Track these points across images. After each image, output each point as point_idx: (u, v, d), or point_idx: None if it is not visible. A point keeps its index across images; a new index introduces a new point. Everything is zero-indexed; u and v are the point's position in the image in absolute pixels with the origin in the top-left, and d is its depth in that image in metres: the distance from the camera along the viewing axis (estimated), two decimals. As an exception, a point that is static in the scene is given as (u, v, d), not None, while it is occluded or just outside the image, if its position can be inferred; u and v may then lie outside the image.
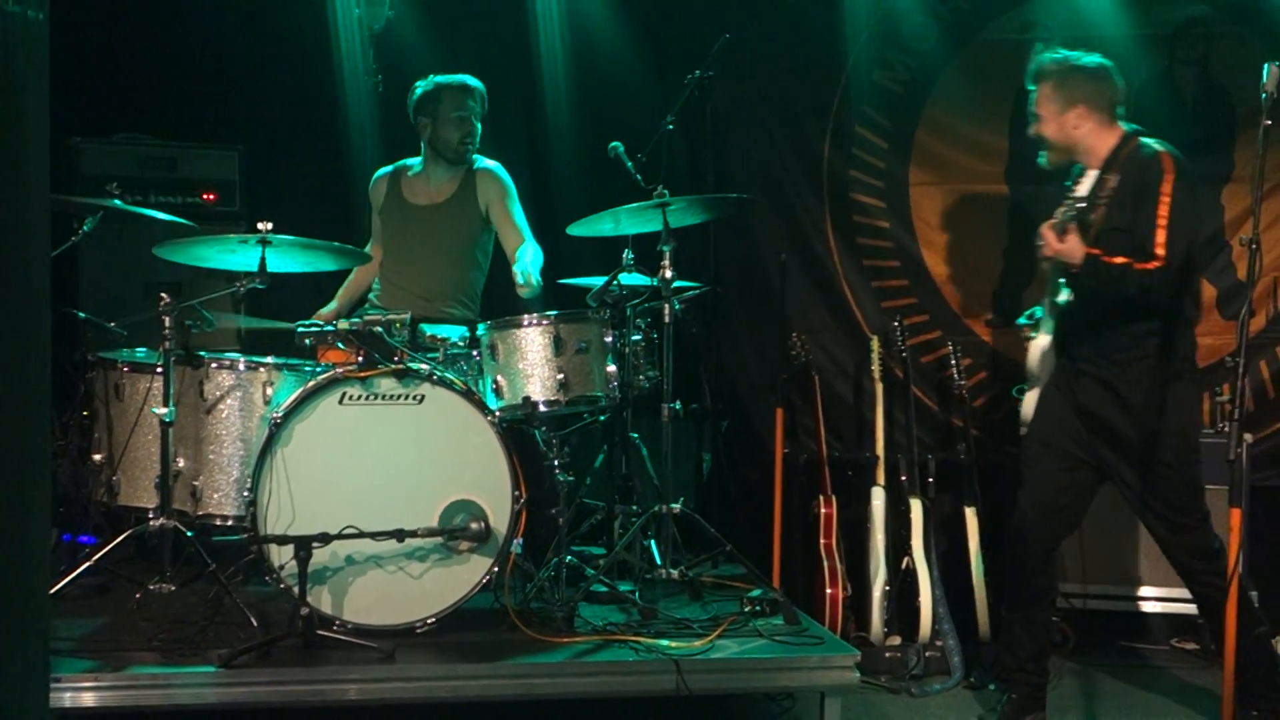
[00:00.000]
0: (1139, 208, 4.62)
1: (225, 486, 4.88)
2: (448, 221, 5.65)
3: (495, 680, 4.32)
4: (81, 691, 4.07)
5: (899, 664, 5.54)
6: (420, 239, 5.68)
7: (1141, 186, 4.64)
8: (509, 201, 5.70)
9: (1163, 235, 4.54)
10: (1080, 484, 4.91)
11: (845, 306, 6.50)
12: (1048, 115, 4.90)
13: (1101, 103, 4.85)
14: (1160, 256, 4.53)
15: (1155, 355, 4.70)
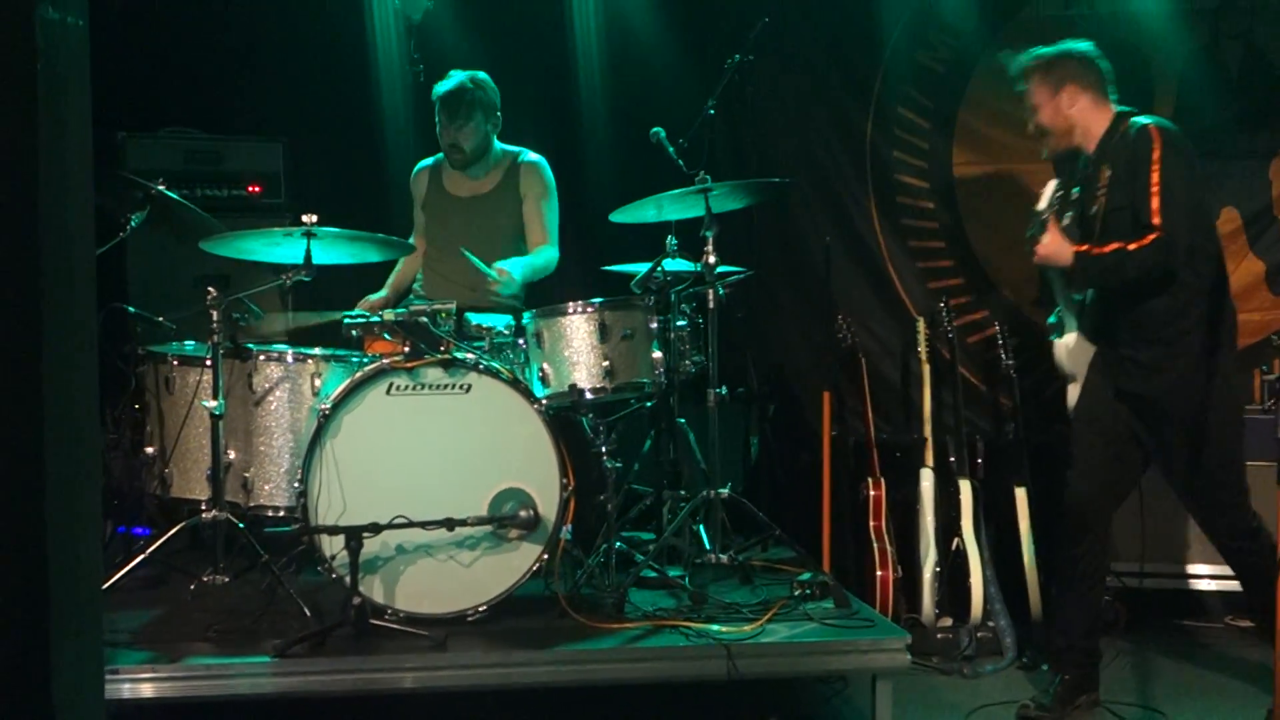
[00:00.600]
0: (1134, 180, 4.63)
1: (276, 478, 4.91)
2: (491, 212, 5.67)
3: (547, 667, 4.32)
4: (140, 683, 4.11)
5: (951, 645, 5.52)
6: (463, 229, 5.70)
7: (1134, 161, 4.65)
8: (543, 201, 5.73)
9: (1156, 203, 4.54)
10: (1126, 461, 4.89)
11: (891, 288, 6.48)
12: (1042, 101, 4.92)
13: (1091, 80, 4.87)
14: (1156, 225, 4.53)
15: (1190, 331, 4.67)
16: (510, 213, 5.71)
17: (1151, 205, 4.55)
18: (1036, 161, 6.32)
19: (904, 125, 6.48)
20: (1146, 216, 4.56)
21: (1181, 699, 5.06)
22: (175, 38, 6.51)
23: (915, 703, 4.94)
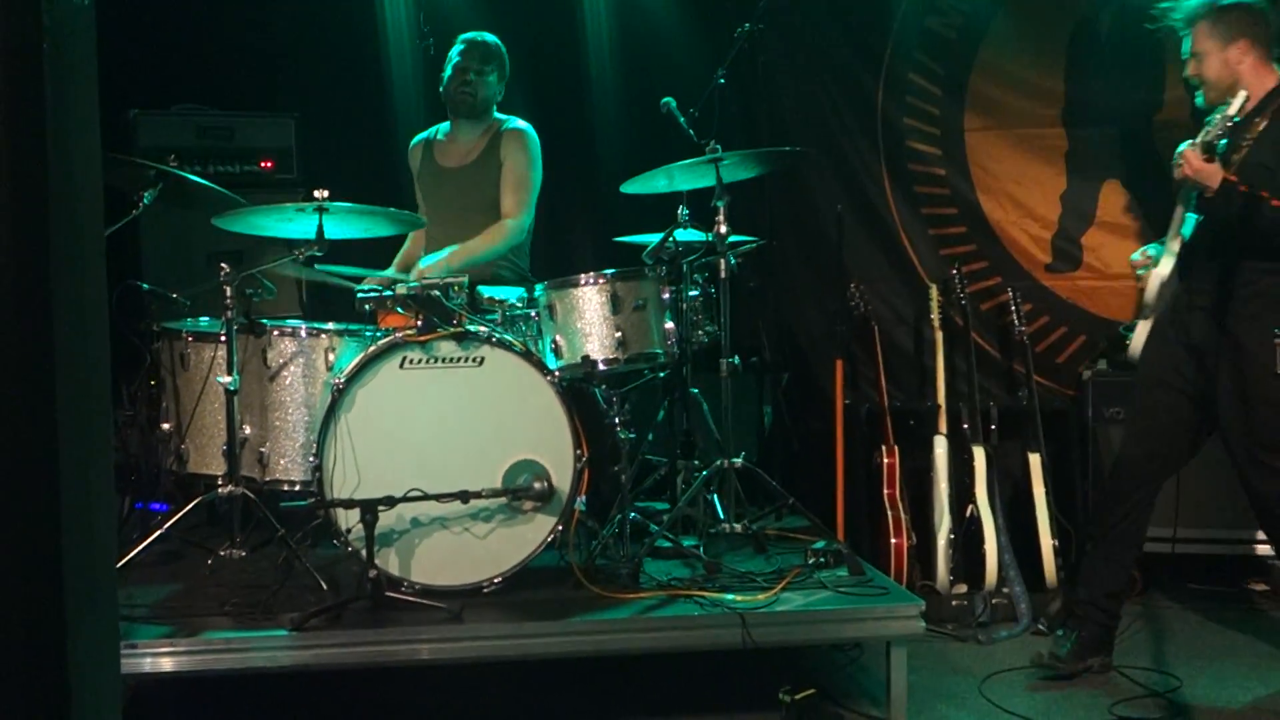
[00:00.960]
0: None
1: (291, 452, 4.93)
2: (479, 180, 5.64)
3: (562, 637, 4.34)
4: (159, 657, 4.13)
5: (965, 612, 5.54)
6: (455, 200, 5.69)
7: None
8: (520, 169, 5.67)
9: None
10: (1188, 423, 4.83)
11: (903, 255, 6.47)
12: (1209, 50, 4.75)
13: (1262, 37, 4.72)
14: None
15: (1270, 294, 4.62)
16: (494, 180, 5.69)
17: None
18: (1049, 125, 6.36)
19: (915, 92, 6.46)
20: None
21: (1196, 662, 5.07)
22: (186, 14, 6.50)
23: (930, 669, 4.96)
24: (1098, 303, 6.33)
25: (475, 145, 5.73)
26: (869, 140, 6.49)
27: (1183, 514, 5.56)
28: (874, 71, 6.47)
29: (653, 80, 5.97)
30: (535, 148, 5.71)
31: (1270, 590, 5.93)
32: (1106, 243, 6.25)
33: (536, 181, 5.69)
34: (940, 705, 4.65)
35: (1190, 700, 4.72)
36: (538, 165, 5.70)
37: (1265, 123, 4.64)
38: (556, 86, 6.44)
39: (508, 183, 5.66)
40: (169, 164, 5.22)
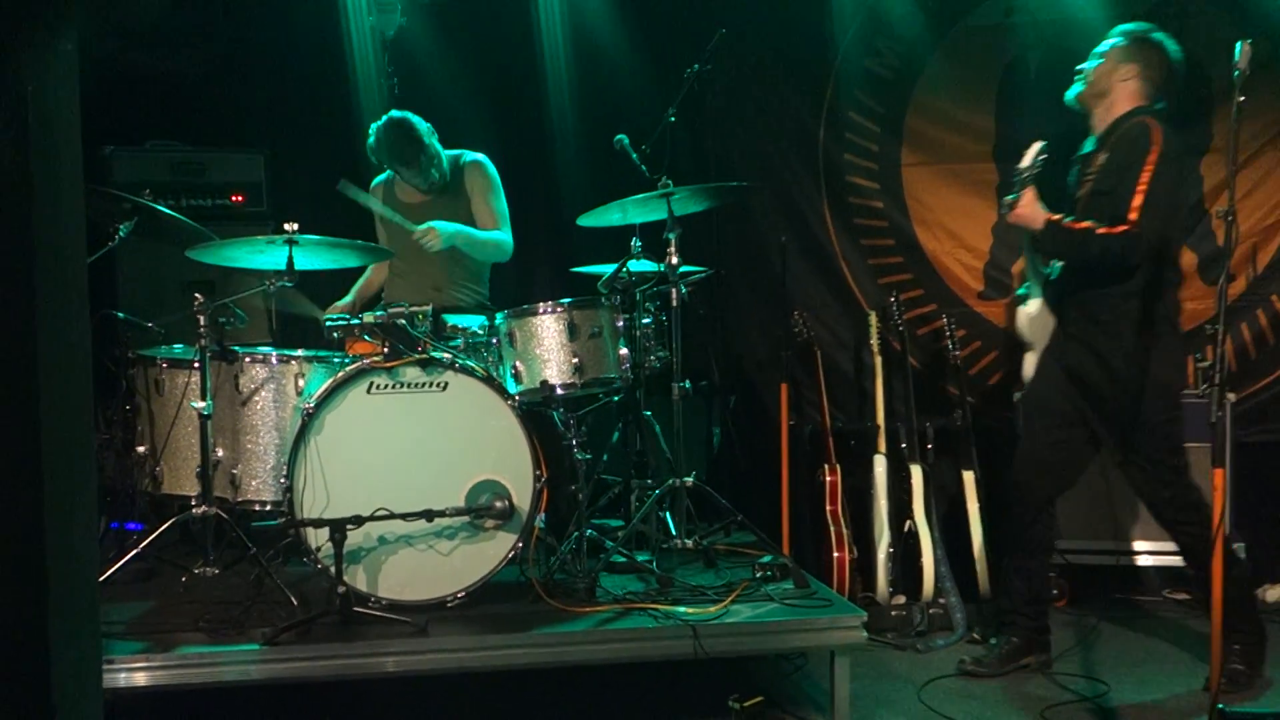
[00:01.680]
0: (1124, 174, 4.66)
1: (262, 474, 4.91)
2: (441, 214, 5.62)
3: (523, 649, 4.33)
4: (134, 672, 4.10)
5: (904, 622, 5.56)
6: None
7: (1130, 156, 4.68)
8: (489, 195, 5.69)
9: (1139, 200, 4.58)
10: (1073, 442, 4.94)
11: (844, 284, 6.50)
12: (1107, 58, 4.90)
13: (1153, 77, 4.87)
14: (1132, 221, 4.57)
15: (1136, 318, 4.73)
16: (459, 211, 5.67)
17: (1133, 201, 4.58)
18: (981, 160, 6.41)
19: (854, 129, 6.50)
20: (1125, 210, 4.59)
21: (1122, 669, 5.11)
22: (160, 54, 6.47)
23: (871, 676, 4.98)
24: (1028, 328, 6.38)
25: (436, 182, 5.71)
26: (811, 175, 6.53)
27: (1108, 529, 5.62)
28: (816, 110, 6.51)
29: (607, 118, 5.99)
30: (496, 174, 5.73)
31: (1189, 599, 5.99)
32: (1035, 272, 6.32)
33: (505, 204, 5.72)
34: (881, 711, 4.66)
35: (1117, 703, 4.76)
36: (501, 189, 5.72)
37: (1104, 155, 4.81)
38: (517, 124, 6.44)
39: (482, 208, 5.68)
40: (143, 198, 5.20)
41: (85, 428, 2.27)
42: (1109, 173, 4.75)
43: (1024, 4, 6.34)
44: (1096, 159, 4.85)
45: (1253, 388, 6.27)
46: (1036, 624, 5.05)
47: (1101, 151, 4.84)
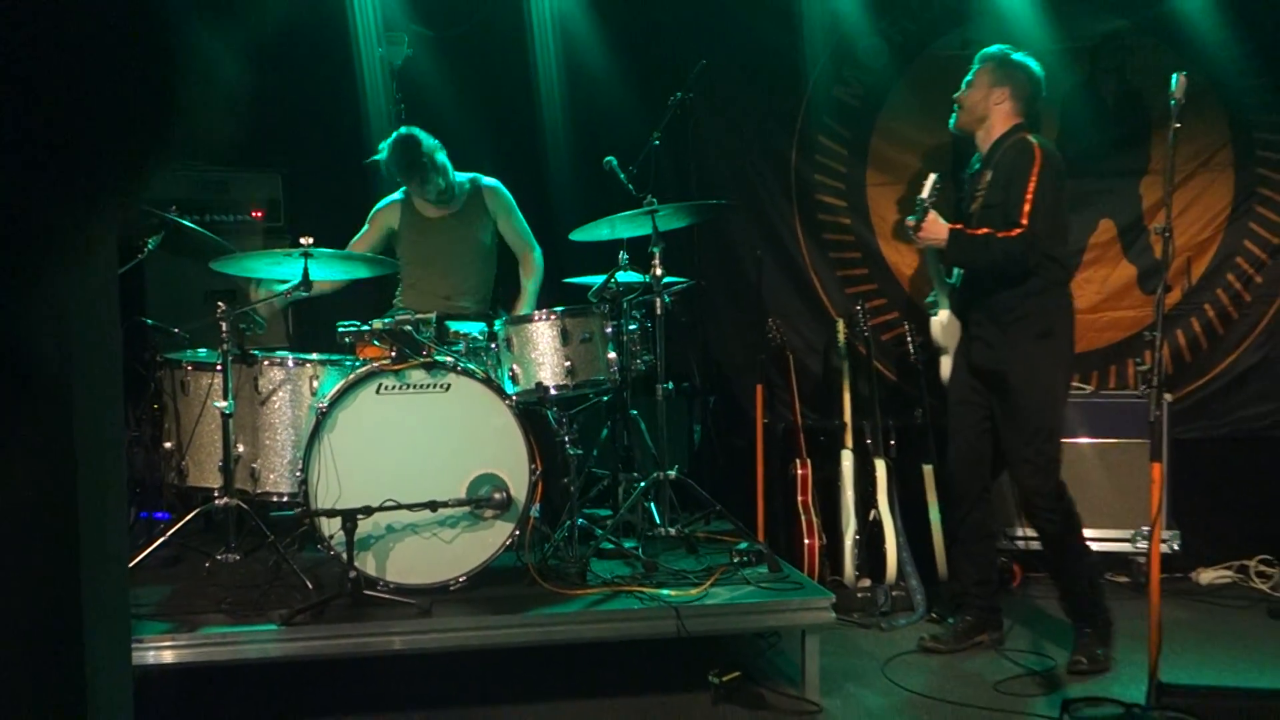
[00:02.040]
0: (1010, 187, 4.75)
1: (280, 468, 4.90)
2: (461, 230, 5.64)
3: (520, 629, 4.35)
4: (162, 650, 4.11)
5: (869, 603, 5.57)
6: (438, 246, 5.68)
7: (1014, 170, 4.76)
8: (514, 219, 5.73)
9: (1028, 207, 4.67)
10: (985, 433, 5.00)
11: (814, 294, 6.51)
12: (978, 84, 4.99)
13: (1022, 94, 4.95)
14: (1024, 225, 4.67)
15: (1029, 315, 4.79)
16: (480, 227, 5.69)
17: (1024, 208, 4.68)
18: (938, 182, 6.42)
19: (824, 152, 6.51)
20: (1017, 215, 4.68)
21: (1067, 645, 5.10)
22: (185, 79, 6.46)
23: (839, 653, 4.99)
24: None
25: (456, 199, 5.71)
26: (784, 194, 6.53)
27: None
28: (789, 134, 6.51)
29: (597, 142, 5.97)
30: (511, 198, 5.77)
31: (1129, 581, 6.01)
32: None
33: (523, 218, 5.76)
34: (849, 684, 4.67)
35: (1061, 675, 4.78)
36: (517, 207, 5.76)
37: (990, 173, 4.89)
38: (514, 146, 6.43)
39: (511, 231, 5.72)
40: (170, 214, 5.19)
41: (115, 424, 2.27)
42: (996, 187, 4.83)
43: (979, 37, 6.31)
44: (984, 176, 4.92)
45: (1188, 388, 6.30)
46: (987, 604, 5.09)
47: (987, 170, 4.92)
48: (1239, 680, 4.70)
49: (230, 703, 4.46)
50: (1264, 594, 5.93)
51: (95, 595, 2.03)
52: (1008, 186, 4.76)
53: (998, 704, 4.45)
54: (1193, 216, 6.27)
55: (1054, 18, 6.18)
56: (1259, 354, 6.29)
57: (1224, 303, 6.30)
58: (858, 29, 6.39)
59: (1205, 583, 6.11)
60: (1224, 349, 6.32)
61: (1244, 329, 6.30)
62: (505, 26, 6.45)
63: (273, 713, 4.39)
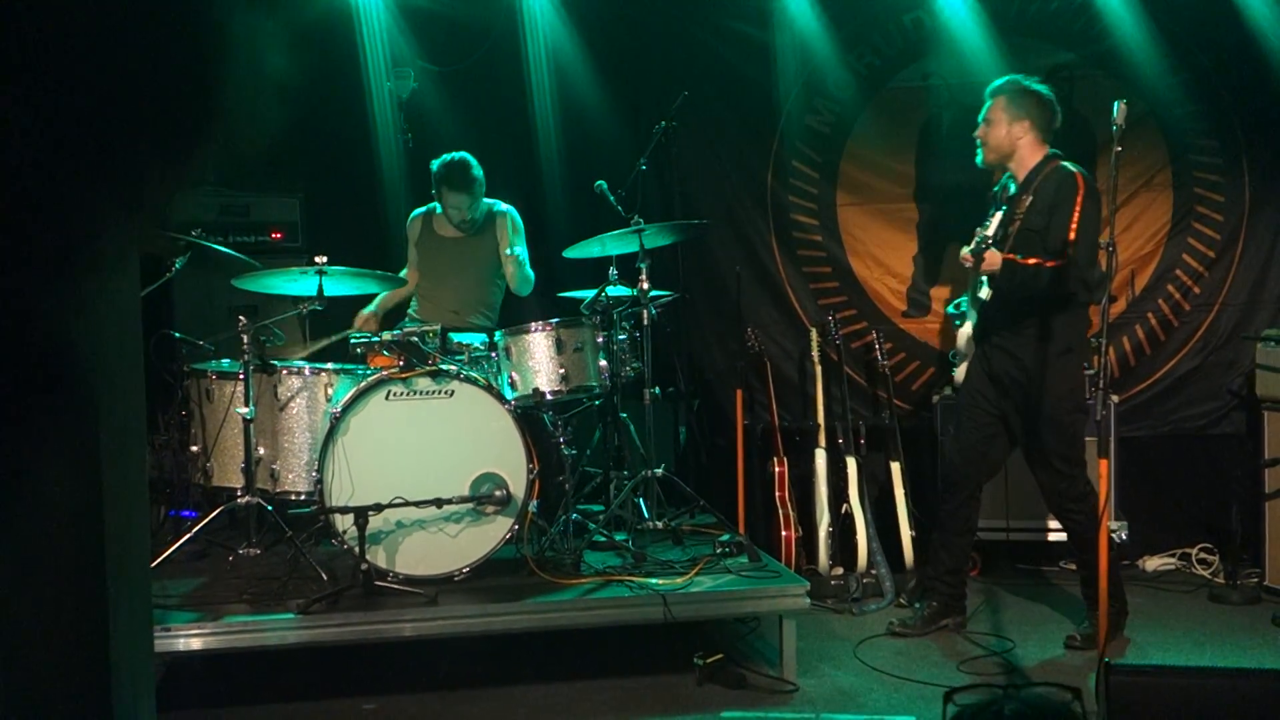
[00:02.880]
0: (1053, 215, 4.64)
1: (297, 469, 4.87)
2: (473, 250, 5.62)
3: (519, 615, 4.35)
4: (190, 638, 4.11)
5: (842, 590, 5.55)
6: (451, 264, 5.66)
7: (1057, 199, 4.65)
8: (516, 240, 5.67)
9: (1073, 236, 4.58)
10: (996, 440, 4.94)
11: (789, 305, 6.49)
12: (997, 121, 4.87)
13: (1042, 122, 4.83)
14: (1069, 255, 4.57)
15: (1053, 332, 4.72)
16: (490, 249, 5.67)
17: (1069, 237, 4.58)
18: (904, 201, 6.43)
19: (797, 175, 6.49)
20: (1062, 245, 4.58)
21: (1026, 627, 5.13)
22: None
23: (815, 636, 4.98)
24: (944, 342, 6.39)
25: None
26: (761, 214, 6.51)
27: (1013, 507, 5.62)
28: (764, 159, 6.49)
29: (589, 167, 5.96)
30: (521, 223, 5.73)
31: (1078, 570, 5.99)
32: (950, 294, 6.29)
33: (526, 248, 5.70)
34: (823, 665, 4.66)
35: (1021, 656, 4.77)
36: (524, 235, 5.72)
37: (1030, 197, 4.77)
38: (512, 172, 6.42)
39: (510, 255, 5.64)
40: (196, 235, 5.18)
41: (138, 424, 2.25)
42: (1037, 213, 4.70)
43: (938, 69, 6.34)
44: (1023, 200, 4.78)
45: (1133, 390, 6.28)
46: (955, 592, 5.06)
47: (1026, 194, 4.78)
48: (1183, 659, 4.69)
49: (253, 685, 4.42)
50: (1205, 579, 5.92)
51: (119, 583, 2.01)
52: (1051, 213, 4.64)
53: (961, 683, 4.43)
54: (1136, 232, 6.26)
55: (1007, 51, 6.15)
56: (1197, 359, 6.28)
57: (1165, 312, 6.29)
58: (827, 63, 6.37)
59: (1151, 569, 6.10)
60: (1166, 354, 6.31)
61: (1183, 336, 6.29)
62: (503, 62, 6.44)
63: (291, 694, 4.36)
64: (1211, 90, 6.19)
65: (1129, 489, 6.00)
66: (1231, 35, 6.02)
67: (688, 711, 4.19)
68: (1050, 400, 4.73)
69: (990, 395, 4.89)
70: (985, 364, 4.92)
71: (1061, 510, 4.87)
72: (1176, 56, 6.13)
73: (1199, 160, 6.25)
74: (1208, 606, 5.53)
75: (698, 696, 4.32)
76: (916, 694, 4.35)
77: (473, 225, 5.62)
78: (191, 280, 5.76)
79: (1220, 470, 6.18)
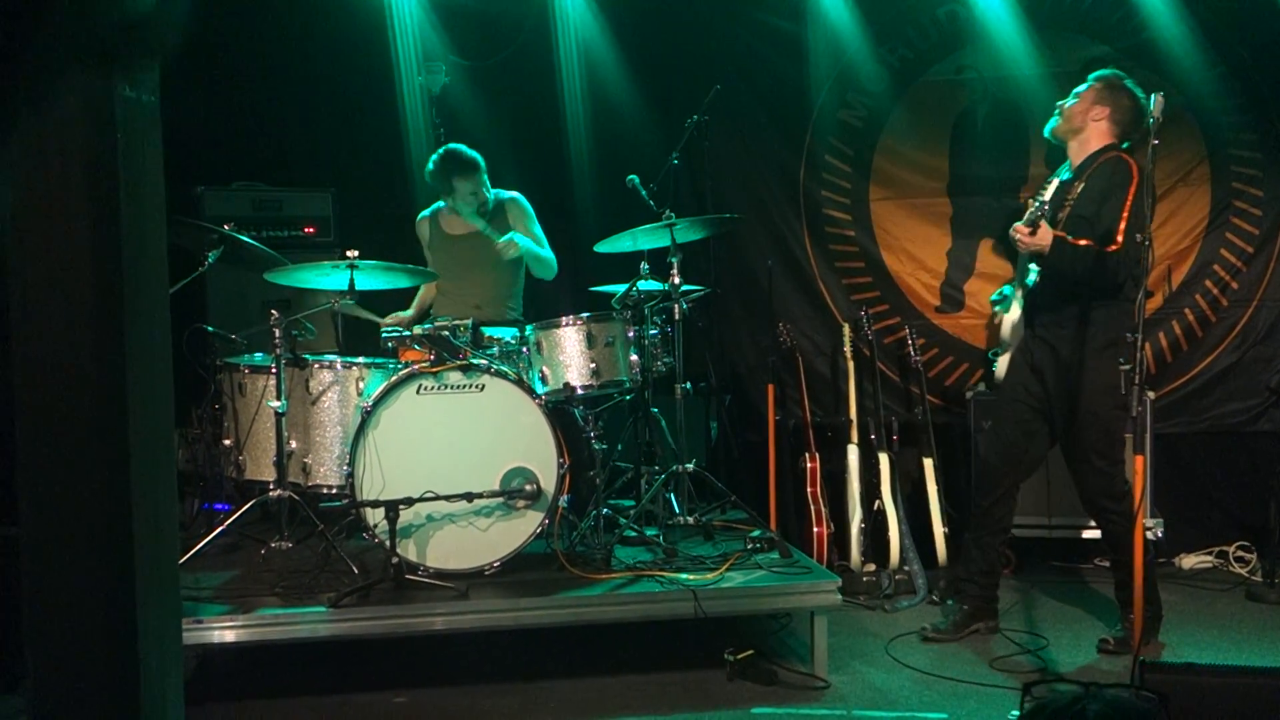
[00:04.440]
0: (1104, 202, 4.55)
1: (329, 462, 4.88)
2: (485, 244, 5.61)
3: (550, 610, 4.33)
4: (222, 630, 4.12)
5: (874, 586, 5.52)
6: (466, 260, 5.63)
7: (1110, 186, 4.57)
8: (530, 224, 5.65)
9: (1124, 224, 4.48)
10: (1037, 434, 4.81)
11: (821, 300, 6.46)
12: (1084, 98, 4.78)
13: (1122, 118, 4.72)
14: (1119, 243, 4.47)
15: (1097, 325, 4.61)
16: None
17: (1120, 225, 4.48)
18: (937, 195, 6.38)
19: (829, 169, 6.46)
20: (1114, 232, 4.49)
21: (1059, 625, 5.08)
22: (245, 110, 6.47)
23: (846, 633, 4.94)
24: (977, 337, 6.34)
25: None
26: (793, 208, 6.48)
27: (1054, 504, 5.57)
28: (797, 153, 6.46)
29: (620, 161, 5.94)
30: (530, 207, 5.69)
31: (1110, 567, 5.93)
32: (984, 289, 6.23)
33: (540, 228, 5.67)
34: (855, 662, 4.63)
35: (1055, 654, 4.73)
36: (535, 217, 5.69)
37: (1081, 184, 4.69)
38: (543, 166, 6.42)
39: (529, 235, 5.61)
40: (229, 230, 5.20)
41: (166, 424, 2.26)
42: (1088, 200, 4.62)
43: (973, 63, 6.29)
44: (1075, 187, 4.70)
45: (1169, 387, 6.21)
46: (987, 594, 4.96)
47: (1079, 181, 4.70)
48: (1220, 658, 4.63)
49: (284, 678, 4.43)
50: (1242, 578, 5.85)
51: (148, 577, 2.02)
52: (1102, 201, 4.57)
53: (993, 680, 4.40)
54: (1173, 227, 6.18)
55: (1041, 45, 6.11)
56: (1235, 355, 6.20)
57: (1202, 307, 6.21)
58: (860, 56, 6.34)
59: (1188, 567, 6.03)
60: (1203, 350, 6.23)
61: (1221, 332, 6.20)
62: (535, 56, 6.44)
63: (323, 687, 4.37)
64: (1250, 83, 6.11)
65: (1165, 486, 5.94)
66: (1271, 27, 5.94)
67: (718, 707, 4.17)
68: (1090, 394, 4.63)
69: (1034, 389, 4.77)
70: (1028, 356, 4.81)
71: (1098, 509, 4.78)
72: (1214, 49, 6.05)
73: (1237, 154, 6.17)
74: (1245, 605, 5.46)
75: (728, 692, 4.30)
76: (949, 691, 4.31)
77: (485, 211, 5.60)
78: (225, 275, 5.78)
79: (1258, 467, 6.09)
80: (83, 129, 2.01)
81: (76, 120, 2.01)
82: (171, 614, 2.22)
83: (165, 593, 2.14)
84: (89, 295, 1.99)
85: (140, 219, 2.08)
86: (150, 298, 2.12)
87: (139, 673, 1.98)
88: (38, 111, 1.97)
